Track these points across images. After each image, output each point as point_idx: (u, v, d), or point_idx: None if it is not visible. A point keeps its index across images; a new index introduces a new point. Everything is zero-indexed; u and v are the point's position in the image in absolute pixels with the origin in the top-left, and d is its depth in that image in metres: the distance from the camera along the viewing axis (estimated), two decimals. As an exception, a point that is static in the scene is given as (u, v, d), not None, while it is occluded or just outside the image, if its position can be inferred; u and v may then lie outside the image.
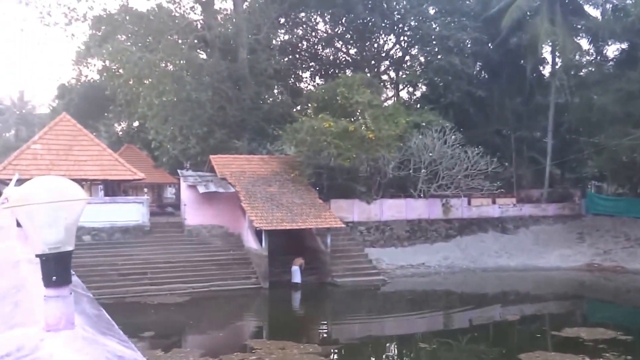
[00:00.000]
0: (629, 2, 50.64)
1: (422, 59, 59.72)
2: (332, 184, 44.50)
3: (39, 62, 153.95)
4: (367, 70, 58.63)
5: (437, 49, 54.27)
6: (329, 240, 37.48)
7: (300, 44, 62.92)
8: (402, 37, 60.91)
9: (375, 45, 62.14)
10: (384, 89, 61.99)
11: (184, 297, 32.65)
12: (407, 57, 63.05)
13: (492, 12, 52.42)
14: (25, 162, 37.32)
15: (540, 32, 48.11)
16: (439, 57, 52.76)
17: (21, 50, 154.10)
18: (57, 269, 3.07)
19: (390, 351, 26.36)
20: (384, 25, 57.76)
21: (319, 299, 35.47)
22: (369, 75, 53.72)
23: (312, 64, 63.78)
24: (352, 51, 63.80)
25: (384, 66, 64.75)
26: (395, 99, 60.60)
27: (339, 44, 63.52)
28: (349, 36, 61.80)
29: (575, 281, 40.94)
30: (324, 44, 63.28)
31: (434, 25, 55.04)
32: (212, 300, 33.00)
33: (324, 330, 29.46)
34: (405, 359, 25.84)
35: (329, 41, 62.51)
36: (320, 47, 63.76)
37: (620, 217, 48.79)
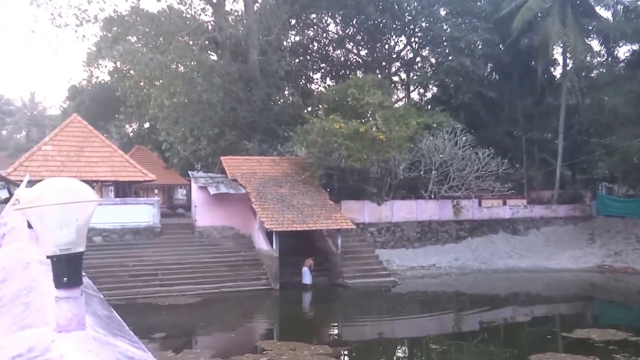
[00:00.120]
0: (640, 3, 50.61)
1: (433, 60, 59.60)
2: (343, 185, 44.43)
3: (50, 63, 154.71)
4: (378, 71, 58.60)
5: (448, 50, 54.10)
6: (340, 241, 37.46)
7: (311, 45, 62.94)
8: (413, 39, 60.85)
9: (386, 46, 62.09)
10: (395, 90, 62.03)
11: (194, 298, 32.71)
12: (418, 59, 62.96)
13: (503, 13, 52.20)
14: (36, 164, 37.48)
15: (551, 34, 47.95)
16: (450, 58, 52.57)
17: (32, 51, 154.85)
18: (68, 270, 3.09)
19: (400, 352, 26.36)
20: (395, 26, 57.77)
21: (329, 300, 35.46)
22: (379, 76, 53.61)
23: (323, 65, 63.77)
24: (363, 52, 63.80)
25: (394, 67, 64.81)
26: (406, 100, 60.59)
27: (349, 45, 63.55)
28: (360, 37, 61.74)
29: (586, 282, 40.77)
30: (334, 45, 63.31)
31: (445, 26, 54.93)
32: (222, 301, 33.03)
33: (335, 331, 29.48)
34: (415, 361, 25.86)
35: (339, 42, 62.54)
36: (331, 48, 63.81)
37: (631, 219, 48.57)
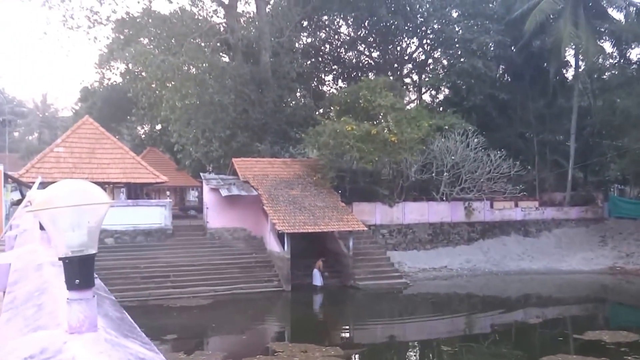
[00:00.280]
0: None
1: (444, 62, 59.46)
2: (355, 187, 44.39)
3: (61, 65, 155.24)
4: (389, 73, 58.62)
5: (460, 52, 53.94)
6: (351, 243, 37.47)
7: (323, 47, 62.92)
8: (425, 40, 60.78)
9: (398, 48, 62.07)
10: (407, 92, 61.94)
11: (206, 300, 32.75)
12: (429, 60, 62.95)
13: (515, 15, 52.11)
14: (48, 165, 37.60)
15: (563, 35, 47.84)
16: (462, 60, 52.45)
17: (44, 53, 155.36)
18: (80, 271, 3.09)
19: (412, 354, 26.34)
20: (407, 28, 57.76)
21: (341, 301, 35.47)
22: (391, 78, 53.59)
23: (334, 67, 63.72)
24: (375, 54, 63.79)
25: (406, 69, 64.77)
26: (417, 102, 60.50)
27: (361, 47, 63.53)
28: (371, 39, 61.72)
29: (597, 284, 40.68)
30: (346, 47, 63.30)
31: (456, 28, 54.86)
32: (234, 303, 33.05)
33: (346, 333, 29.46)
34: (427, 363, 25.84)
35: (351, 44, 62.55)
36: (343, 50, 63.78)
37: (643, 220, 48.49)
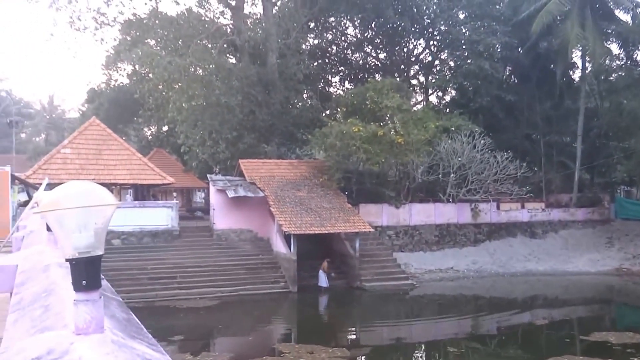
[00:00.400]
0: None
1: (451, 64, 59.35)
2: (361, 188, 44.37)
3: (68, 66, 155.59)
4: (396, 74, 58.56)
5: (466, 54, 53.84)
6: (358, 244, 37.42)
7: (329, 49, 62.87)
8: (431, 42, 60.76)
9: (404, 49, 62.02)
10: (414, 94, 61.97)
11: (213, 301, 32.78)
12: (436, 62, 62.79)
13: (522, 16, 51.99)
14: (55, 166, 37.71)
15: (570, 37, 47.70)
16: (469, 61, 52.31)
17: (51, 55, 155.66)
18: (87, 273, 3.09)
19: (418, 355, 26.33)
20: (414, 29, 57.72)
21: (347, 303, 35.42)
22: (398, 79, 53.62)
23: (341, 68, 63.67)
24: (382, 56, 63.79)
25: (413, 71, 64.75)
26: (424, 104, 60.39)
27: (368, 49, 63.53)
28: (378, 41, 61.67)
29: (604, 286, 40.67)
30: (353, 49, 63.35)
31: (463, 29, 54.79)
32: (241, 304, 33.08)
33: (353, 334, 29.46)
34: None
35: (358, 46, 62.58)
36: (349, 51, 63.82)
37: (650, 222, 48.41)
